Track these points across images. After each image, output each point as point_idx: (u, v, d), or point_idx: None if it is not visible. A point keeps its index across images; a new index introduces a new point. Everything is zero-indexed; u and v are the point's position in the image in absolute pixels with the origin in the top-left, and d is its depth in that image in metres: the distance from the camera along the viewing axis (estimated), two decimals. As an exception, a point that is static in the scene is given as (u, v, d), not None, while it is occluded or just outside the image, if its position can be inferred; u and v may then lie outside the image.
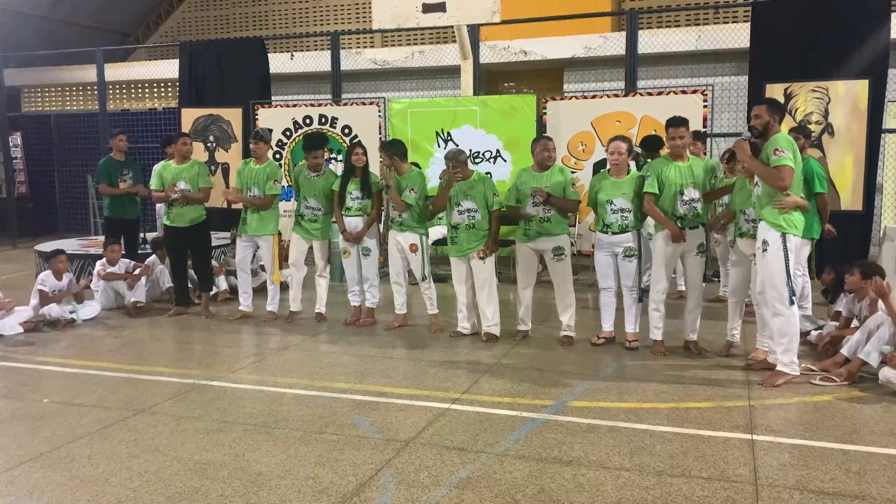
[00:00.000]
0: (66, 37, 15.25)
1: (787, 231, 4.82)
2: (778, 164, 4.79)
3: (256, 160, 6.94)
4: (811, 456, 3.78)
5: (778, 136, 4.90)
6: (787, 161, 4.77)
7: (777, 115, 5.02)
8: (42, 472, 3.68)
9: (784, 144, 4.83)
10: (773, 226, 4.85)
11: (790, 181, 4.80)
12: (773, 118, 4.97)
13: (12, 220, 13.19)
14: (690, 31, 11.28)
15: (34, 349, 6.13)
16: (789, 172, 4.78)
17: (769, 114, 4.97)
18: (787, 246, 4.82)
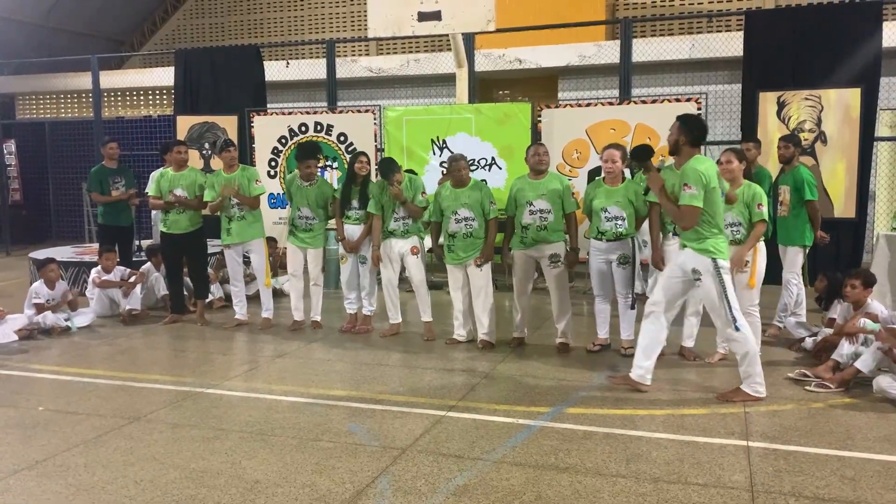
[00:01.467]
0: (61, 44, 15.25)
1: (716, 256, 4.64)
2: (683, 203, 4.59)
3: (228, 168, 6.92)
4: (806, 462, 3.80)
5: (688, 167, 4.61)
6: (693, 201, 4.54)
7: (689, 134, 4.67)
8: (37, 481, 3.67)
9: (693, 178, 4.55)
10: (700, 251, 4.67)
11: (693, 223, 4.60)
12: (683, 137, 4.69)
13: (6, 228, 13.16)
14: (684, 40, 11.36)
15: (28, 357, 6.11)
16: (691, 213, 4.56)
17: (679, 132, 4.70)
18: (720, 270, 4.65)
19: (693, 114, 4.82)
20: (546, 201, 5.82)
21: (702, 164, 4.61)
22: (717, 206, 4.65)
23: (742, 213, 5.35)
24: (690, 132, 4.67)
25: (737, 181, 5.38)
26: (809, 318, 6.35)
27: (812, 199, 6.21)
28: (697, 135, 4.69)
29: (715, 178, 4.65)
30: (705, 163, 4.65)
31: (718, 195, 4.67)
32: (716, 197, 4.63)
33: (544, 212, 5.82)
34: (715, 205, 4.63)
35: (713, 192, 4.60)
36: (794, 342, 6.05)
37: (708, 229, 4.64)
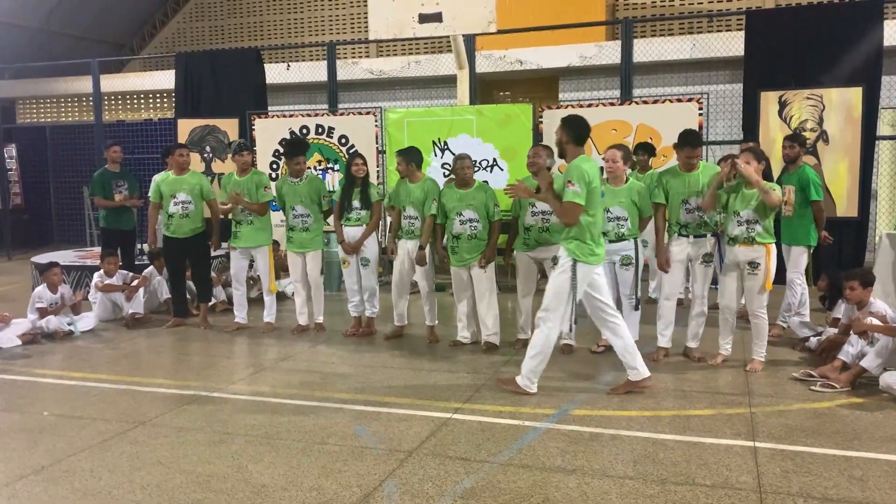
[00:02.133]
0: (61, 48, 15.25)
1: (577, 258, 4.73)
2: (566, 199, 4.66)
3: (241, 172, 6.92)
4: (814, 462, 3.79)
5: (573, 165, 4.71)
6: (576, 198, 4.62)
7: (572, 133, 4.75)
8: (44, 486, 3.66)
9: (577, 176, 4.64)
10: (566, 250, 4.79)
11: (575, 220, 4.68)
12: (566, 137, 4.77)
13: (7, 232, 13.15)
14: (685, 40, 11.36)
15: (32, 362, 6.11)
16: (573, 210, 4.65)
17: (562, 133, 4.80)
18: (575, 272, 4.73)
19: (575, 114, 4.99)
20: None
21: (586, 164, 4.70)
22: (596, 205, 4.74)
23: (759, 211, 5.23)
24: (573, 131, 4.75)
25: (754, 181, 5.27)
26: (813, 317, 6.34)
27: (818, 200, 6.20)
28: (580, 133, 4.77)
29: (597, 178, 4.74)
30: (589, 162, 4.73)
31: (598, 195, 4.74)
32: (595, 196, 4.71)
33: (546, 213, 5.81)
34: (593, 204, 4.72)
35: (594, 191, 4.69)
36: (798, 342, 6.05)
37: (579, 228, 4.72)
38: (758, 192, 5.18)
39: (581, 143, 4.80)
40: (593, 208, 4.71)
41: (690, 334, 5.73)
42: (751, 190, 5.24)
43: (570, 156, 4.81)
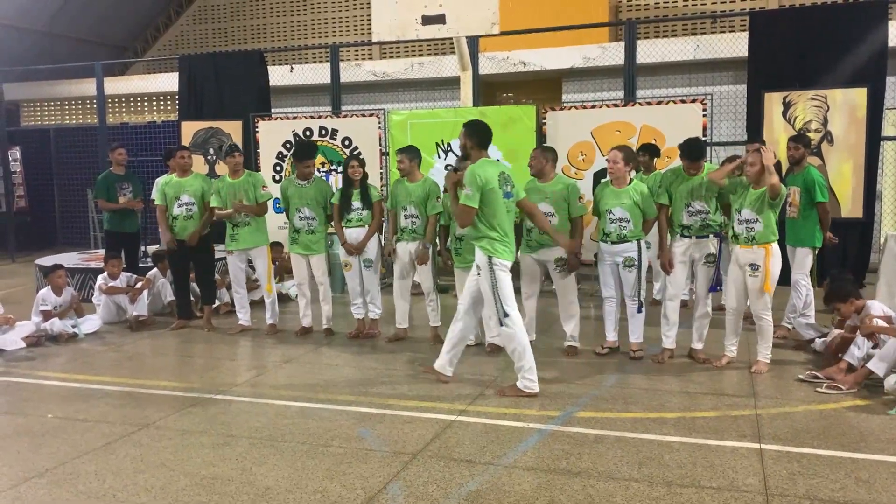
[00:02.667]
0: (65, 51, 15.28)
1: (492, 254, 4.84)
2: (460, 202, 4.83)
3: (233, 174, 6.92)
4: (820, 465, 3.77)
5: (468, 169, 4.86)
6: (467, 201, 4.78)
7: (474, 138, 4.92)
8: (48, 489, 3.66)
9: (468, 180, 4.79)
10: (480, 248, 4.90)
11: (467, 221, 4.84)
12: (469, 142, 4.93)
13: (11, 235, 13.17)
14: (689, 41, 11.34)
15: (36, 364, 6.11)
16: (465, 213, 4.80)
17: (465, 137, 4.96)
18: (493, 267, 4.84)
19: (477, 119, 5.20)
20: (549, 205, 5.80)
21: (481, 168, 4.84)
22: (495, 206, 4.83)
23: (759, 210, 5.19)
24: (475, 136, 4.94)
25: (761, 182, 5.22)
26: (818, 319, 6.32)
27: (823, 201, 6.19)
28: (482, 138, 4.95)
29: (495, 180, 4.83)
30: (486, 166, 4.87)
31: (498, 196, 4.84)
32: (494, 197, 4.82)
33: (547, 215, 5.80)
34: (493, 205, 4.82)
35: (491, 192, 4.80)
36: (803, 343, 6.03)
37: (485, 229, 4.86)
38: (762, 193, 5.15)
39: (484, 147, 4.96)
40: (490, 208, 4.83)
41: (695, 336, 5.71)
42: (756, 190, 5.21)
43: (473, 159, 4.95)
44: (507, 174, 5.00)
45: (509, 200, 4.98)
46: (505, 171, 5.02)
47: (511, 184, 5.01)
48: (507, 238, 4.93)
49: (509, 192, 4.98)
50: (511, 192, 5.01)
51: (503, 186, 4.91)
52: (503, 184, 4.91)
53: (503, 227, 4.90)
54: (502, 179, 4.91)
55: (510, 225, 5.00)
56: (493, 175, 4.86)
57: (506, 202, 4.92)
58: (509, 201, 4.98)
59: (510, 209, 5.00)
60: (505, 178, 4.95)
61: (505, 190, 4.92)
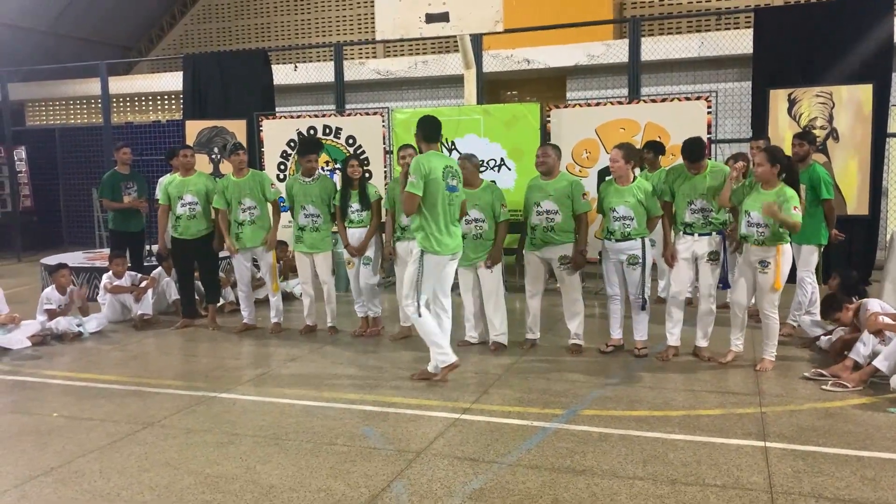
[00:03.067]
0: (69, 51, 15.32)
1: (423, 246, 5.10)
2: (406, 190, 5.07)
3: (238, 172, 6.92)
4: (825, 463, 3.76)
5: (416, 159, 5.15)
6: (411, 188, 5.01)
7: (422, 132, 5.19)
8: (53, 487, 3.67)
9: (414, 168, 5.05)
10: (418, 240, 5.15)
11: (411, 209, 5.07)
12: (419, 136, 5.25)
13: (17, 234, 13.22)
14: (693, 38, 11.31)
15: (41, 363, 6.13)
16: (409, 200, 5.04)
17: (416, 133, 5.28)
18: (423, 258, 5.09)
19: (427, 115, 5.41)
20: (553, 202, 5.79)
21: (427, 158, 5.09)
22: (436, 196, 5.05)
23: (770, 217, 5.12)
24: (422, 130, 5.20)
25: (770, 183, 5.20)
26: (824, 316, 6.29)
27: (829, 198, 6.16)
28: (428, 132, 5.20)
29: (439, 172, 5.05)
30: (433, 157, 5.12)
31: (440, 187, 5.06)
32: (435, 188, 5.04)
33: (551, 213, 5.79)
34: (434, 196, 5.05)
35: (433, 182, 5.03)
36: (809, 341, 6.01)
37: (423, 221, 5.09)
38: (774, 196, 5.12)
39: (432, 141, 5.21)
40: (431, 198, 5.05)
41: (700, 334, 5.70)
42: (767, 191, 5.18)
43: (423, 152, 5.23)
44: (454, 169, 5.22)
45: (452, 194, 5.17)
46: (452, 165, 5.25)
47: (458, 178, 5.22)
48: (447, 231, 5.13)
49: (453, 186, 5.18)
50: (455, 187, 5.20)
51: (447, 179, 5.12)
52: (447, 177, 5.13)
53: (444, 218, 5.10)
54: (447, 172, 5.12)
55: (451, 217, 5.18)
56: (438, 167, 5.08)
57: (448, 195, 5.12)
58: (452, 195, 5.17)
59: (453, 202, 5.18)
60: (451, 172, 5.17)
61: (449, 183, 5.13)
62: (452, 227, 5.19)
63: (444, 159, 5.23)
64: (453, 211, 5.20)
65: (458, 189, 5.24)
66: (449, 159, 5.32)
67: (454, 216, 5.22)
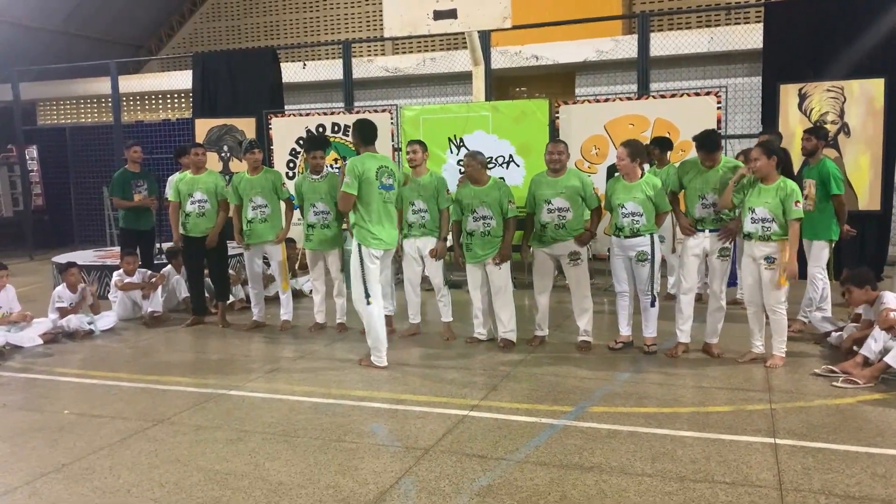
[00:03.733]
0: (80, 50, 15.40)
1: (360, 241, 5.42)
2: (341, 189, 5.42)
3: (252, 170, 6.94)
4: (836, 459, 3.74)
5: (350, 160, 5.49)
6: (346, 188, 5.37)
7: (358, 135, 5.56)
8: (64, 484, 3.70)
9: (349, 169, 5.39)
10: (355, 235, 5.50)
11: (346, 207, 5.46)
12: (355, 139, 5.63)
13: (29, 233, 13.31)
14: (703, 33, 11.25)
15: (53, 361, 6.17)
16: (343, 199, 5.42)
17: (352, 136, 5.65)
18: (360, 251, 5.41)
19: (362, 118, 5.78)
20: (564, 199, 5.78)
21: (360, 160, 5.44)
22: (370, 196, 5.40)
23: (775, 210, 5.13)
24: (358, 133, 5.58)
25: (770, 177, 5.19)
26: (834, 312, 6.26)
27: (839, 194, 6.12)
28: (363, 135, 5.56)
29: (372, 172, 5.40)
30: (366, 159, 5.46)
31: (373, 187, 5.40)
32: (369, 188, 5.39)
33: (562, 210, 5.78)
34: (368, 195, 5.40)
35: (366, 182, 5.38)
36: (819, 337, 5.98)
37: (358, 217, 5.45)
38: (774, 189, 5.11)
39: (367, 143, 5.55)
40: (366, 197, 5.40)
41: (709, 330, 5.68)
42: (767, 185, 5.16)
43: (360, 154, 5.55)
44: (389, 169, 5.53)
45: (387, 192, 5.49)
46: (387, 165, 5.55)
47: (393, 178, 5.53)
48: (380, 227, 5.47)
49: (388, 185, 5.51)
50: (391, 185, 5.53)
51: (381, 178, 5.44)
52: (381, 176, 5.45)
53: (378, 215, 5.44)
54: (381, 172, 5.45)
55: (385, 214, 5.51)
56: (372, 167, 5.41)
57: (382, 193, 5.44)
58: (386, 193, 5.49)
59: (388, 200, 5.53)
60: (386, 171, 5.49)
61: (383, 182, 5.45)
62: (387, 223, 5.52)
63: (379, 160, 5.51)
64: (389, 208, 5.54)
65: (395, 187, 5.59)
66: (384, 160, 5.58)
67: (390, 213, 5.56)
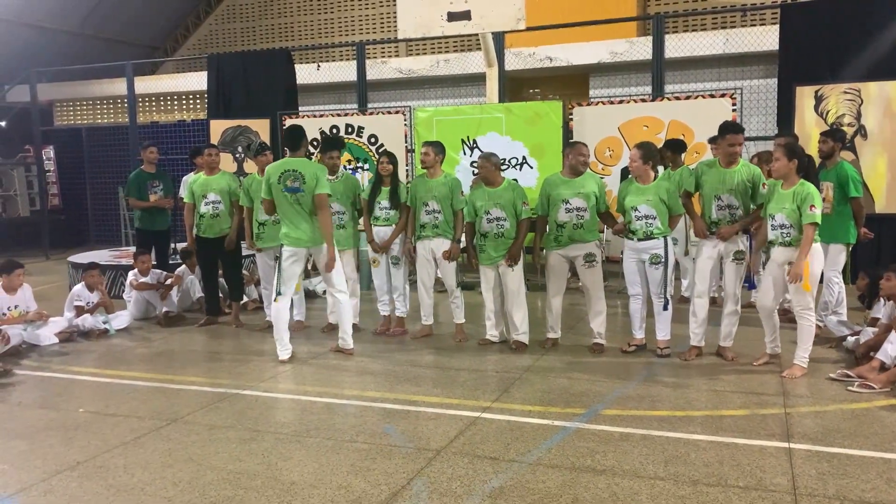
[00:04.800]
0: (96, 51, 15.52)
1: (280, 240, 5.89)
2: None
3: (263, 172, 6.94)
4: (851, 465, 3.70)
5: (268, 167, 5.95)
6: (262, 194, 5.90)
7: (287, 142, 5.90)
8: (79, 482, 3.73)
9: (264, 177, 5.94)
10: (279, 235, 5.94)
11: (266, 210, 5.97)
12: (284, 146, 5.98)
13: (45, 232, 13.42)
14: (718, 35, 11.19)
15: (68, 359, 6.22)
16: (262, 203, 5.96)
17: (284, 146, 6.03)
18: (282, 253, 5.87)
19: (292, 124, 6.14)
20: (582, 199, 5.78)
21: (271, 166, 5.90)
22: (278, 198, 5.79)
23: (793, 216, 5.03)
24: (287, 140, 5.94)
25: (789, 180, 5.11)
26: (850, 316, 6.21)
27: (857, 196, 6.07)
28: (290, 142, 5.90)
29: (275, 176, 5.76)
30: (274, 165, 5.88)
31: (276, 190, 5.76)
32: (275, 192, 5.78)
33: (581, 210, 5.77)
34: (276, 198, 5.80)
35: (271, 186, 5.79)
36: (835, 341, 5.93)
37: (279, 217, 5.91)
38: (792, 194, 5.04)
39: (292, 149, 5.87)
40: (277, 201, 5.82)
41: (723, 333, 5.64)
42: (786, 190, 5.10)
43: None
44: (296, 172, 5.73)
45: (294, 194, 5.73)
46: (296, 168, 5.75)
47: (300, 180, 5.71)
48: (290, 226, 5.79)
49: (292, 188, 5.74)
50: (296, 188, 5.73)
51: (284, 182, 5.73)
52: (284, 180, 5.74)
53: (288, 216, 5.79)
54: (284, 176, 5.73)
55: (294, 214, 5.77)
56: (275, 173, 5.78)
57: (287, 196, 5.73)
58: (295, 195, 5.73)
59: (298, 201, 5.74)
60: (290, 175, 5.73)
61: (287, 185, 5.72)
62: (299, 223, 5.78)
63: (288, 165, 5.78)
64: (297, 209, 5.77)
65: (302, 189, 5.74)
66: (295, 163, 5.78)
67: (299, 213, 5.77)
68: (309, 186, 5.72)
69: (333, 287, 6.01)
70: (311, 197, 5.74)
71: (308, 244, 5.84)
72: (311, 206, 5.76)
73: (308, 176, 5.74)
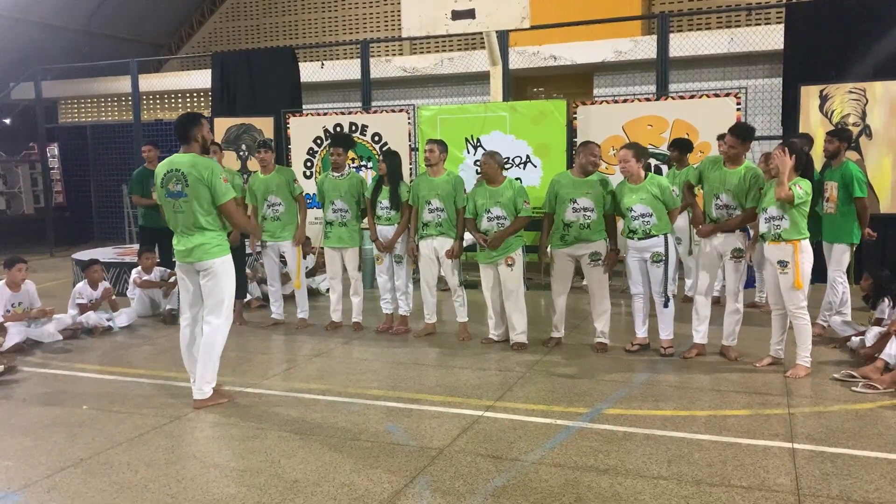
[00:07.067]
0: (101, 49, 15.55)
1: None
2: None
3: (264, 170, 6.97)
4: (854, 465, 3.70)
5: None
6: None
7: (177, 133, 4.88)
8: (83, 479, 3.74)
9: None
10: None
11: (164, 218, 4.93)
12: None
13: (49, 230, 13.45)
14: (723, 34, 11.15)
15: (72, 356, 6.23)
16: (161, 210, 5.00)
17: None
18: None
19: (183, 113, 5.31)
20: (590, 199, 5.77)
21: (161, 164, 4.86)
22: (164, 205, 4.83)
23: (782, 206, 5.06)
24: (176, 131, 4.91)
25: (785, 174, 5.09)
26: (854, 317, 6.19)
27: (862, 197, 6.05)
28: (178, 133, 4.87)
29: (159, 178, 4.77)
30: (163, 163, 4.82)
31: (161, 195, 4.84)
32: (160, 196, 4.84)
33: (588, 210, 5.77)
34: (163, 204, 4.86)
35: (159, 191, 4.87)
36: (839, 341, 5.91)
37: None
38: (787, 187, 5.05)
39: (183, 141, 4.87)
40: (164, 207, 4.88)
41: (726, 333, 5.64)
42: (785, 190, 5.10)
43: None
44: (179, 172, 4.69)
45: (177, 200, 4.71)
46: (180, 168, 4.71)
47: (182, 183, 4.67)
48: (175, 238, 4.82)
49: (175, 192, 4.71)
50: (178, 192, 4.70)
51: (166, 186, 4.72)
52: (167, 183, 4.72)
53: (172, 225, 4.82)
54: (167, 178, 4.72)
55: (177, 224, 4.77)
56: (160, 173, 4.78)
57: (170, 201, 4.73)
58: (177, 201, 4.71)
59: (179, 209, 4.71)
60: (173, 176, 4.71)
61: (169, 189, 4.72)
62: (180, 235, 4.78)
63: (171, 163, 4.77)
64: (179, 218, 4.74)
65: (185, 194, 4.68)
66: (179, 161, 4.75)
67: (181, 223, 4.75)
68: (193, 190, 4.66)
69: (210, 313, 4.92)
70: (198, 203, 4.69)
71: (191, 259, 4.74)
72: (195, 217, 4.70)
73: (192, 178, 4.64)
